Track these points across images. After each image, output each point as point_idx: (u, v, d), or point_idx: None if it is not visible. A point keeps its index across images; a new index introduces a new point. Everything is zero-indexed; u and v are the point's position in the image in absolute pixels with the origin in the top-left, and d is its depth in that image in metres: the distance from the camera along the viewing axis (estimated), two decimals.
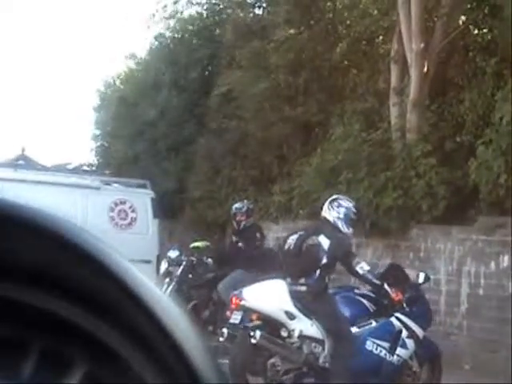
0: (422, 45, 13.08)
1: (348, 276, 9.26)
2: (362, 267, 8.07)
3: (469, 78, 13.53)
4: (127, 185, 14.15)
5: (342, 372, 7.69)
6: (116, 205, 13.55)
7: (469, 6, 14.13)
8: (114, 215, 13.51)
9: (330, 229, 8.03)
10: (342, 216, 8.18)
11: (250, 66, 16.43)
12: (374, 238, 13.19)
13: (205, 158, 17.58)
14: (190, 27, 19.72)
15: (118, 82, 23.08)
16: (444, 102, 13.54)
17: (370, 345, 8.05)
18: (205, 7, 19.59)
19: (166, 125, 18.69)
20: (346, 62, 15.90)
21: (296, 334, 7.74)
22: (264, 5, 18.08)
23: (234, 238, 12.59)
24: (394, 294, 8.20)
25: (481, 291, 11.61)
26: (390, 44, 14.26)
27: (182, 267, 12.28)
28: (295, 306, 7.83)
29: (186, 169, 18.00)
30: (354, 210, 8.38)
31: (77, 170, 15.10)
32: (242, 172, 16.99)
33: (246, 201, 13.01)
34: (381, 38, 15.76)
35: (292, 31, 16.25)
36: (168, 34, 20.00)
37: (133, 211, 13.58)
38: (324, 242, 7.85)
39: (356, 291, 8.41)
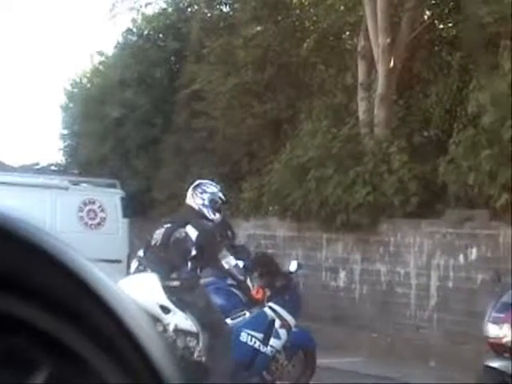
0: (389, 40, 13.15)
1: None
2: (229, 261, 7.95)
3: (435, 72, 13.63)
4: (96, 184, 14.09)
5: (219, 366, 7.59)
6: (85, 205, 13.48)
7: (433, 1, 14.23)
8: (83, 215, 13.45)
9: (197, 218, 7.80)
10: (207, 202, 7.94)
11: (218, 62, 16.42)
12: (345, 233, 13.24)
13: (174, 156, 17.54)
14: (156, 24, 19.64)
15: (84, 80, 22.93)
16: (411, 97, 13.63)
17: (244, 336, 8.02)
18: (170, 4, 19.52)
19: (134, 123, 18.61)
20: (313, 58, 15.93)
21: (171, 328, 7.62)
22: (230, 1, 18.05)
23: None
24: (255, 291, 8.16)
25: (450, 284, 11.70)
26: (357, 39, 14.31)
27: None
28: (169, 299, 7.69)
29: (155, 167, 17.94)
30: (219, 194, 8.17)
31: (45, 171, 15.05)
32: (211, 169, 16.95)
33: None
34: (348, 33, 15.81)
35: (259, 28, 16.25)
36: (134, 30, 19.91)
37: (102, 211, 13.53)
38: (192, 232, 7.64)
39: (229, 282, 8.24)
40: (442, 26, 14.03)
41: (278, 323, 8.21)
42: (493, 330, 7.14)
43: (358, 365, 11.31)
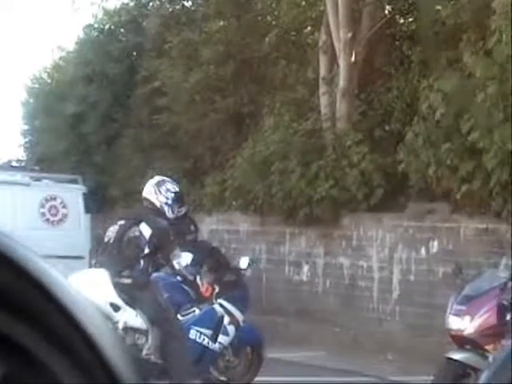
0: (350, 35, 13.21)
1: None
2: (179, 262, 7.92)
3: (396, 66, 13.71)
4: (58, 180, 13.99)
5: (179, 366, 7.59)
6: (47, 201, 13.39)
7: None
8: (44, 211, 13.36)
9: (153, 215, 7.77)
10: (170, 202, 7.94)
11: (180, 57, 16.37)
12: (308, 227, 13.29)
13: (136, 151, 17.47)
14: (117, 19, 19.52)
15: (45, 76, 22.73)
16: (372, 91, 13.69)
17: (193, 333, 8.03)
18: None
19: (96, 118, 18.50)
20: (275, 53, 15.93)
21: (120, 325, 7.55)
22: None
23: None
24: (205, 289, 8.17)
25: (412, 277, 11.79)
26: (319, 34, 14.35)
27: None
28: (120, 296, 7.64)
29: (117, 162, 17.84)
30: (179, 194, 8.21)
31: (5, 167, 14.90)
32: (174, 164, 16.91)
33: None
34: (309, 28, 15.84)
35: (221, 23, 16.23)
36: (95, 25, 19.77)
37: (64, 207, 13.45)
38: (145, 230, 7.60)
39: (178, 278, 8.23)
40: (402, 21, 14.12)
41: (226, 320, 8.23)
42: (454, 323, 7.20)
43: (321, 359, 11.35)
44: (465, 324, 7.10)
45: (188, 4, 18.24)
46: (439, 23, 12.32)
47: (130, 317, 7.69)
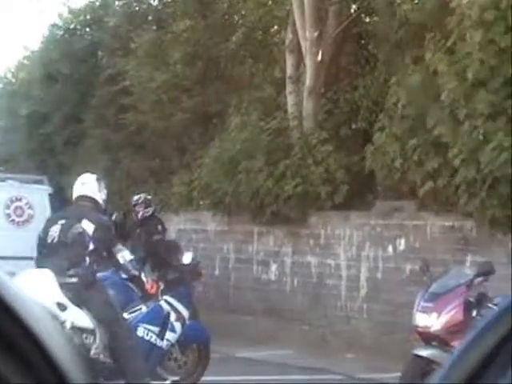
0: (316, 33, 13.24)
1: None
2: (124, 256, 7.95)
3: (362, 65, 13.77)
4: (23, 181, 13.86)
5: (133, 366, 7.57)
6: (12, 202, 13.29)
7: None
8: (10, 212, 13.25)
9: (94, 211, 7.79)
10: (106, 197, 8.03)
11: (146, 57, 16.31)
12: (275, 226, 13.30)
13: (102, 151, 17.38)
14: (83, 18, 19.41)
15: (9, 75, 22.55)
16: (339, 90, 13.74)
17: (141, 331, 8.01)
18: None
19: (61, 118, 18.37)
20: (242, 52, 15.94)
21: (68, 325, 7.47)
22: None
23: (137, 231, 12.55)
24: (150, 286, 8.18)
25: (379, 275, 11.84)
26: (285, 33, 14.37)
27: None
28: (66, 296, 7.58)
29: (84, 162, 17.73)
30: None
31: None
32: (141, 164, 16.86)
33: (143, 193, 12.93)
34: (276, 27, 15.86)
35: (188, 22, 16.19)
36: (60, 24, 19.63)
37: (30, 208, 13.34)
38: (88, 227, 7.59)
39: (124, 276, 8.21)
40: (368, 20, 14.18)
41: (173, 316, 8.22)
42: (421, 320, 7.24)
43: (289, 357, 11.37)
44: (431, 321, 7.14)
45: (154, 3, 18.18)
46: (403, 22, 12.39)
47: (77, 316, 7.61)
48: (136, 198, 12.57)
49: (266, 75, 15.33)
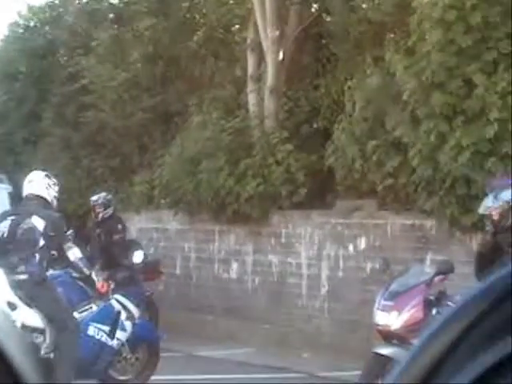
0: (277, 32, 13.26)
1: None
2: (74, 253, 7.89)
3: (323, 64, 13.81)
4: None
5: (66, 362, 7.51)
6: None
7: None
8: None
9: (44, 208, 7.72)
10: (57, 195, 7.99)
11: (107, 55, 16.21)
12: (236, 225, 13.30)
13: (63, 150, 17.24)
14: (43, 16, 19.24)
15: None
16: (300, 89, 13.77)
17: (92, 330, 8.00)
18: None
19: (22, 116, 18.20)
20: (203, 51, 15.90)
21: (18, 324, 7.38)
22: None
23: (97, 231, 12.45)
24: (100, 285, 8.16)
25: (340, 274, 11.90)
26: (246, 32, 14.37)
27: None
28: (16, 294, 7.52)
29: (44, 161, 17.56)
30: (60, 187, 8.26)
31: None
32: (101, 163, 16.76)
33: (102, 193, 12.81)
34: (237, 26, 15.85)
35: (149, 21, 16.11)
36: (20, 22, 19.44)
37: None
38: (38, 223, 7.53)
39: (74, 274, 8.18)
40: (328, 19, 14.22)
41: (123, 315, 8.20)
42: (381, 318, 7.29)
43: (250, 356, 11.39)
44: (392, 319, 7.19)
45: (115, 1, 18.06)
46: (363, 21, 12.46)
47: (28, 315, 7.55)
48: (95, 198, 12.38)
49: (227, 74, 15.31)
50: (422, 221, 10.87)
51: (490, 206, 7.35)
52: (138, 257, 8.86)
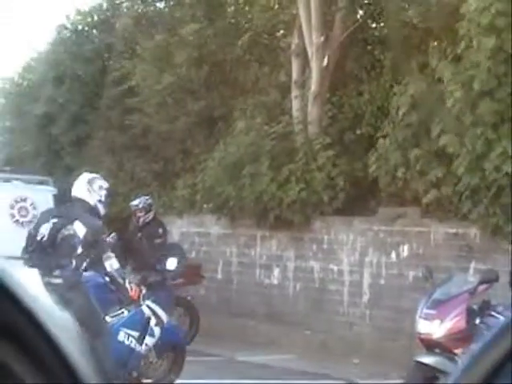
0: (322, 38, 13.24)
1: None
2: (112, 264, 7.83)
3: (367, 71, 13.76)
4: (28, 181, 13.88)
5: (96, 367, 7.50)
6: (16, 202, 13.30)
7: (366, 0, 14.38)
8: (14, 212, 13.26)
9: (87, 213, 7.64)
10: (103, 199, 7.82)
11: (152, 59, 16.32)
12: (278, 231, 13.29)
13: (107, 153, 17.39)
14: (90, 19, 19.44)
15: (16, 76, 22.58)
16: (344, 95, 13.74)
17: (122, 335, 7.98)
18: None
19: (68, 119, 18.39)
20: (247, 56, 15.94)
21: None
22: None
23: (139, 235, 12.52)
24: (133, 292, 8.11)
25: (382, 281, 11.83)
26: (291, 38, 14.37)
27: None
28: (51, 297, 7.52)
29: (88, 164, 17.73)
30: (110, 190, 8.20)
31: None
32: (145, 166, 16.87)
33: (143, 197, 12.84)
34: (282, 31, 15.86)
35: (194, 25, 16.20)
36: (68, 25, 19.66)
37: (34, 208, 13.34)
38: (80, 229, 7.47)
39: (107, 279, 8.14)
40: (374, 25, 14.18)
41: (153, 321, 8.19)
42: (424, 326, 7.24)
43: (291, 362, 11.37)
44: (434, 328, 7.14)
45: (161, 5, 18.19)
46: (409, 28, 12.40)
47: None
48: (136, 202, 12.34)
49: (271, 79, 15.32)
50: (466, 229, 10.77)
51: None
52: (171, 263, 8.86)
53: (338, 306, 12.39)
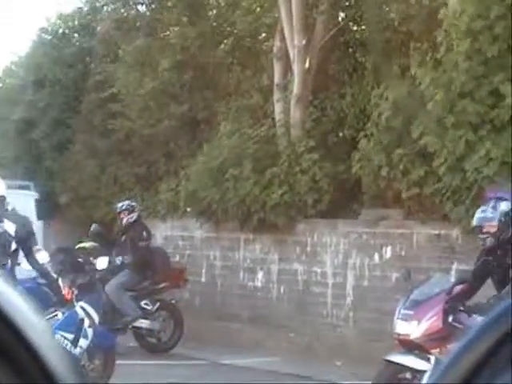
0: (304, 41, 13.27)
1: None
2: (43, 257, 7.82)
3: (349, 73, 13.81)
4: (9, 186, 13.79)
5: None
6: None
7: (347, 3, 14.43)
8: None
9: (14, 212, 7.71)
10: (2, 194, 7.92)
11: (135, 63, 16.30)
12: (262, 234, 13.30)
13: (90, 157, 17.34)
14: (71, 23, 19.38)
15: None
16: (326, 98, 13.77)
17: (57, 338, 7.86)
18: (85, 3, 19.25)
19: (49, 123, 18.31)
20: (230, 60, 15.95)
21: None
22: (147, 2, 17.93)
23: (122, 238, 12.55)
24: (66, 291, 8.08)
25: (365, 283, 11.86)
26: (273, 41, 14.39)
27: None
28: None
29: (70, 168, 17.70)
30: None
31: None
32: (128, 170, 16.84)
33: (127, 200, 12.93)
34: (264, 35, 15.88)
35: (177, 29, 16.19)
36: (49, 29, 19.59)
37: None
38: (9, 227, 7.49)
39: (39, 281, 8.11)
40: (355, 28, 14.22)
41: (86, 322, 8.13)
42: (401, 327, 7.27)
43: (276, 364, 11.37)
44: (412, 328, 7.16)
45: (142, 9, 18.16)
46: (391, 30, 12.45)
47: None
48: (120, 205, 12.61)
49: (253, 82, 15.34)
50: (448, 231, 10.82)
51: (489, 217, 7.27)
52: (101, 263, 8.80)
53: (322, 308, 12.41)
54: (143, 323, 12.16)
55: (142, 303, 12.18)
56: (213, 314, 13.75)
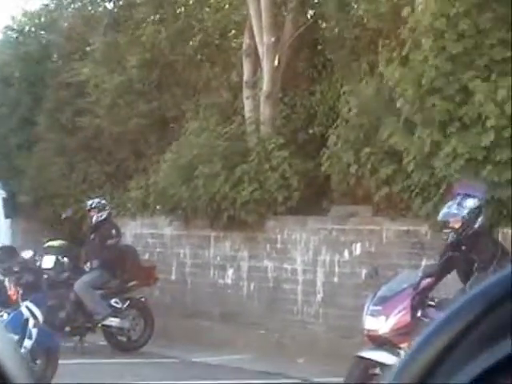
0: (273, 38, 13.28)
1: None
2: None
3: (319, 70, 13.84)
4: None
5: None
6: None
7: (316, 0, 14.46)
8: None
9: None
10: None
11: (103, 60, 16.21)
12: (232, 231, 13.30)
13: (58, 155, 17.23)
14: (38, 20, 19.23)
15: None
16: (296, 95, 13.80)
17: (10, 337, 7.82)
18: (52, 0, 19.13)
19: (17, 121, 18.18)
20: (199, 57, 15.91)
21: None
22: None
23: (92, 236, 12.51)
24: (12, 292, 8.04)
25: (335, 279, 11.90)
26: (242, 38, 14.39)
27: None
28: None
29: (39, 166, 17.57)
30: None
31: None
32: (97, 168, 16.75)
33: (97, 198, 12.89)
34: (233, 32, 15.87)
35: (145, 25, 16.12)
36: (14, 27, 19.43)
37: None
38: None
39: None
40: (324, 25, 14.25)
41: (31, 323, 8.06)
42: (370, 323, 7.32)
43: (246, 362, 11.38)
44: (380, 324, 7.21)
45: (110, 6, 18.05)
46: (360, 28, 12.49)
47: None
48: (90, 202, 12.59)
49: (222, 80, 15.32)
50: (417, 227, 10.88)
51: (454, 213, 7.36)
52: (47, 262, 8.70)
53: (292, 305, 12.43)
54: (113, 321, 12.11)
55: (112, 301, 12.13)
56: (183, 312, 13.72)
